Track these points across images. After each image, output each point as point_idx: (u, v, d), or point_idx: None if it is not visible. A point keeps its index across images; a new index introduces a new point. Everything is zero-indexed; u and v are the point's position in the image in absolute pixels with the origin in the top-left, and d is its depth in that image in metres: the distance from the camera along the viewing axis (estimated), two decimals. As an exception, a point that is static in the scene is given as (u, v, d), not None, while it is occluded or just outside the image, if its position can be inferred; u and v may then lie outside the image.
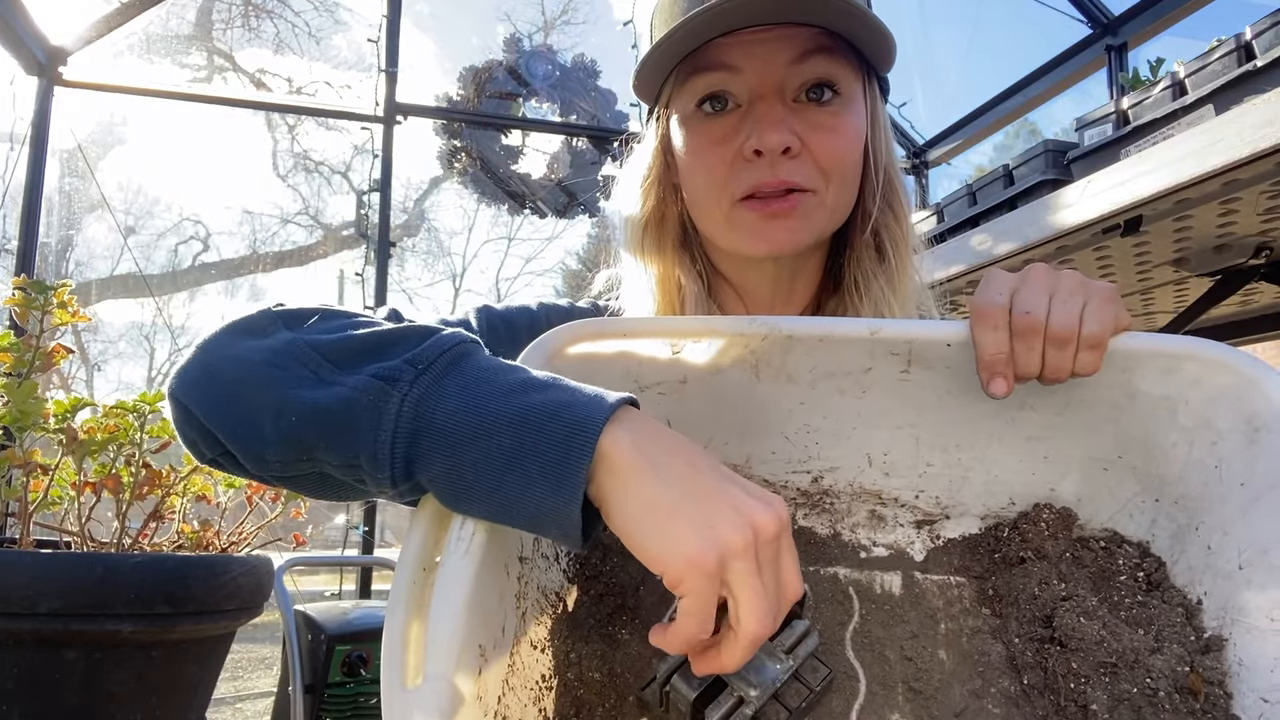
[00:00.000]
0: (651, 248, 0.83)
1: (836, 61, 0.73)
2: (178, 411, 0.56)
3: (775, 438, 0.66)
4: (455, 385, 0.48)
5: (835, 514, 0.68)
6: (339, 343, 0.52)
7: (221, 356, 0.54)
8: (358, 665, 2.19)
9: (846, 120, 0.74)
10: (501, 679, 0.52)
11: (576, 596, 0.62)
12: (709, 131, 0.75)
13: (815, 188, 0.73)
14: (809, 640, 0.52)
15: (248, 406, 0.51)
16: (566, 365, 0.59)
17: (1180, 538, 0.61)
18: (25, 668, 1.07)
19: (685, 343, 0.61)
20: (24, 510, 1.27)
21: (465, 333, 0.53)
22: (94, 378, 12.93)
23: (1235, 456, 0.58)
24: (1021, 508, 0.67)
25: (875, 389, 0.63)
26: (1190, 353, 0.59)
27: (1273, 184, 1.23)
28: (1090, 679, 0.55)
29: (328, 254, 11.10)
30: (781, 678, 0.50)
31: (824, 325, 0.61)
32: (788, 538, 0.47)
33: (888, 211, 0.80)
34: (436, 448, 0.47)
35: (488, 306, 0.83)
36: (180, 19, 9.09)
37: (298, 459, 0.51)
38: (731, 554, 0.44)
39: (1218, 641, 0.56)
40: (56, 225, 9.34)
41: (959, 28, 12.10)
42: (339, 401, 0.48)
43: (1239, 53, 1.38)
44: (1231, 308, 1.91)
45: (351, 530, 3.76)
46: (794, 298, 0.83)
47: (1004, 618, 0.62)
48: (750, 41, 0.72)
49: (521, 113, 4.73)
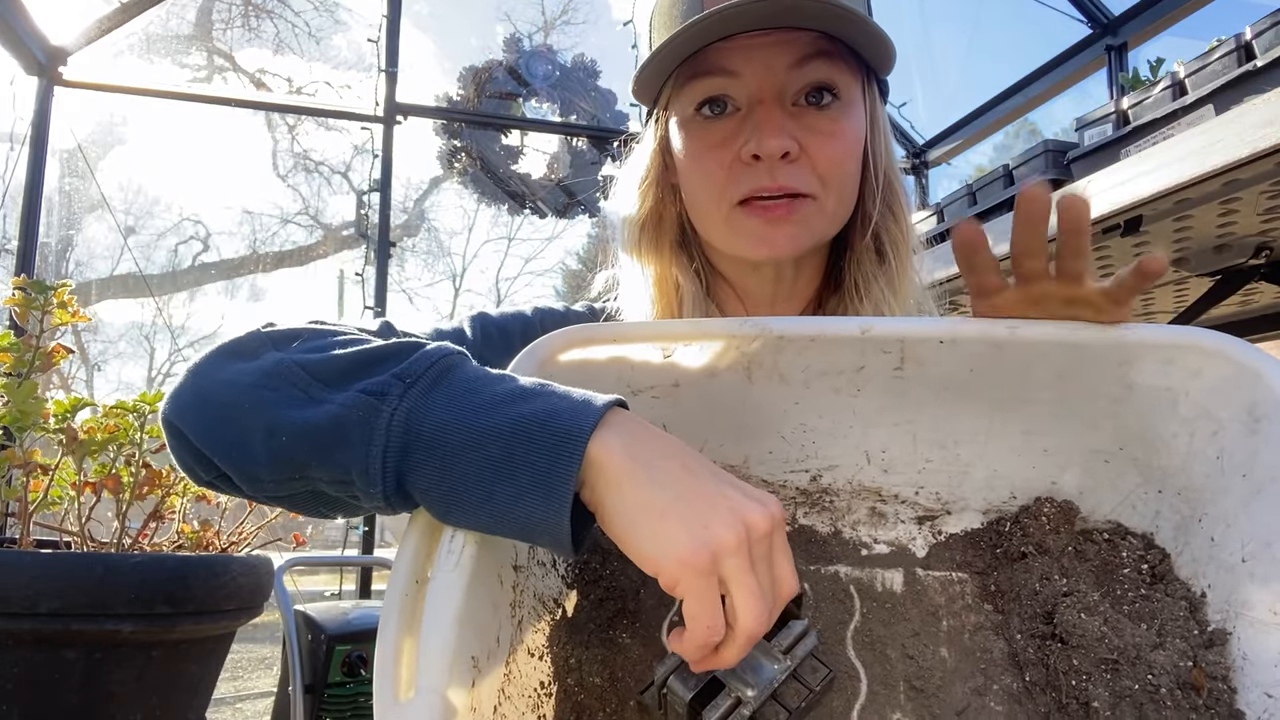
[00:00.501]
0: (649, 248, 0.83)
1: (836, 66, 0.73)
2: (172, 436, 0.56)
3: (772, 438, 0.66)
4: (443, 397, 0.49)
5: (835, 512, 0.68)
6: (327, 361, 0.52)
7: (213, 380, 0.55)
8: (358, 665, 2.20)
9: (845, 124, 0.74)
10: (497, 688, 0.52)
11: (576, 601, 0.62)
12: (708, 135, 0.75)
13: (814, 193, 0.73)
14: (807, 640, 0.52)
15: (240, 429, 0.52)
16: (558, 372, 0.59)
17: (1184, 529, 0.61)
18: (25, 668, 1.07)
19: (676, 346, 0.61)
20: (24, 510, 1.27)
21: (452, 345, 0.53)
22: (94, 378, 12.94)
23: (1237, 447, 0.58)
24: (1023, 501, 0.66)
25: (870, 387, 0.63)
26: (1190, 343, 0.59)
27: (1273, 184, 1.23)
28: (1092, 676, 0.55)
29: (328, 254, 11.10)
30: (779, 678, 0.50)
31: (815, 325, 0.61)
32: (781, 535, 0.47)
33: (887, 214, 0.80)
34: (427, 460, 0.47)
35: (483, 314, 0.83)
36: (180, 19, 9.10)
37: (291, 478, 0.52)
38: (724, 551, 0.44)
39: (1221, 635, 0.56)
40: (56, 225, 9.34)
41: (959, 28, 12.11)
42: (329, 419, 0.49)
43: (1239, 53, 1.38)
44: (1231, 308, 1.90)
45: (351, 530, 3.77)
46: (794, 298, 0.84)
47: (1006, 614, 0.62)
48: (750, 46, 0.72)
49: (521, 113, 4.73)
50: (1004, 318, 0.60)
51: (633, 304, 0.85)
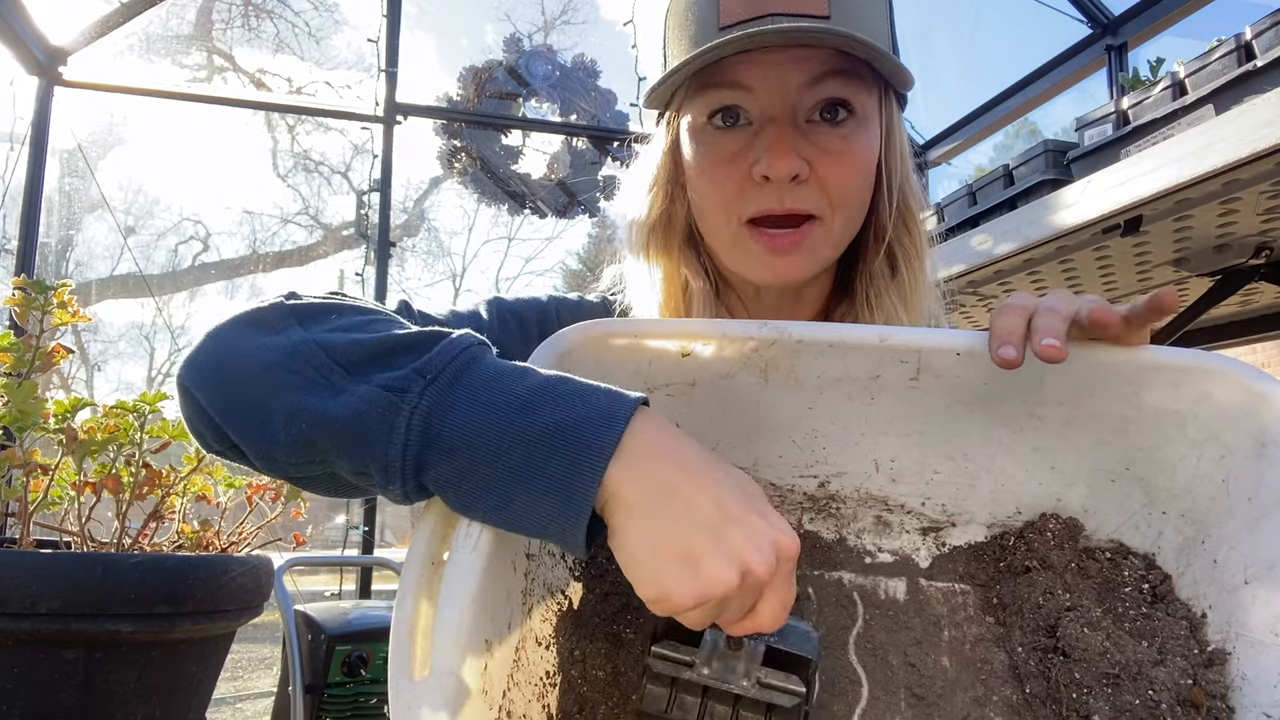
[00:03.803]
0: (658, 248, 0.83)
1: (851, 83, 0.72)
2: (187, 402, 0.56)
3: (783, 442, 0.66)
4: (464, 395, 0.49)
5: (841, 519, 0.68)
6: (350, 347, 0.52)
7: (233, 350, 0.54)
8: (358, 665, 2.19)
9: (858, 143, 0.73)
10: (506, 674, 0.52)
11: (582, 595, 0.62)
12: (719, 147, 0.74)
13: (821, 214, 0.73)
14: (791, 683, 0.51)
15: (259, 409, 0.52)
16: (576, 364, 0.58)
17: (1186, 551, 0.61)
18: (25, 668, 1.07)
19: (695, 345, 0.61)
20: (24, 510, 1.27)
21: (474, 335, 0.53)
22: (94, 378, 12.94)
23: (1243, 471, 0.58)
24: (1028, 517, 0.66)
25: (883, 396, 0.63)
26: (1201, 366, 0.59)
27: (1273, 184, 1.23)
28: (1093, 689, 0.55)
29: (328, 254, 11.11)
30: (736, 688, 0.51)
31: (834, 331, 0.61)
32: (784, 572, 0.47)
33: (901, 227, 0.79)
34: (446, 461, 0.48)
35: (498, 299, 0.83)
36: (180, 19, 9.11)
37: (309, 461, 0.52)
38: (719, 596, 0.45)
39: (1221, 655, 0.56)
40: (56, 225, 9.34)
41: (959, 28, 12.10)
42: (349, 413, 0.49)
43: (1239, 53, 1.38)
44: (1231, 308, 1.91)
45: (351, 530, 3.76)
46: (801, 303, 0.83)
47: (1008, 626, 0.62)
48: (765, 62, 0.71)
49: (521, 113, 4.72)
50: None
51: (640, 302, 0.85)
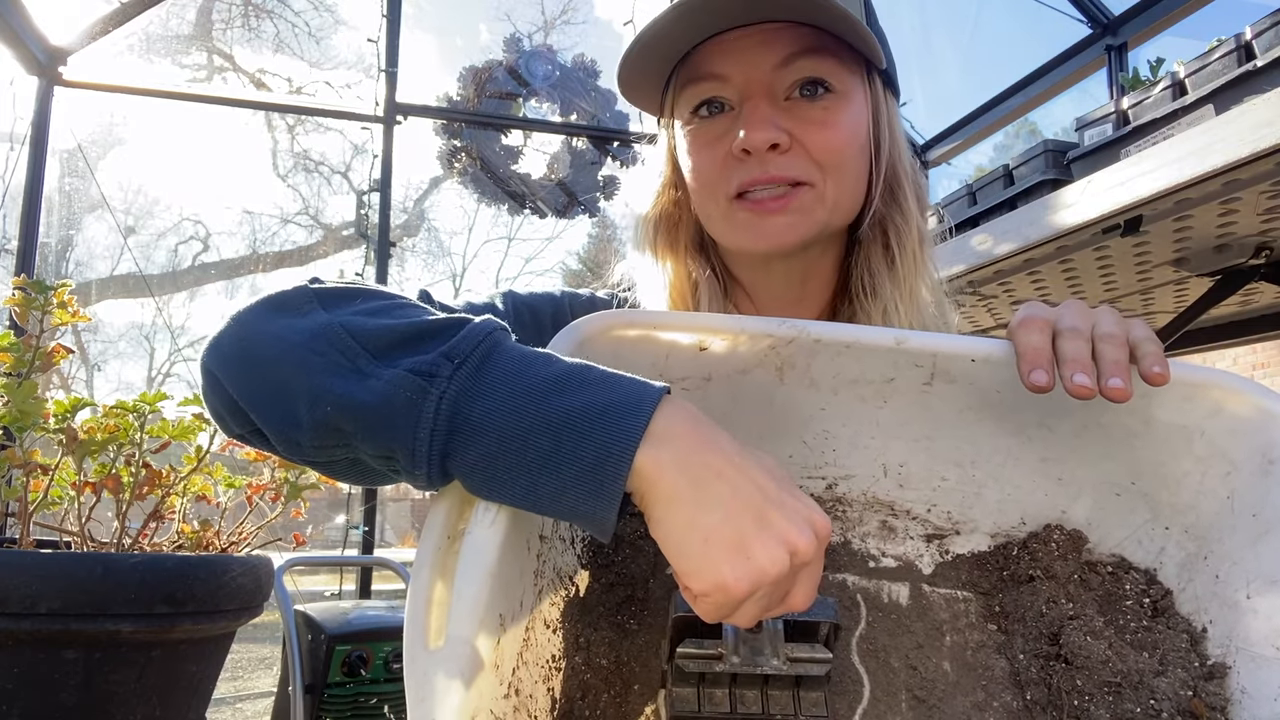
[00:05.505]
0: (665, 246, 0.84)
1: (826, 61, 0.73)
2: (209, 384, 0.56)
3: (794, 442, 0.66)
4: (491, 380, 0.48)
5: (847, 522, 0.68)
6: (376, 331, 0.52)
7: (258, 332, 0.54)
8: (358, 665, 2.19)
9: (840, 115, 0.74)
10: (516, 652, 0.52)
11: (588, 583, 0.62)
12: (703, 135, 0.76)
13: (811, 180, 0.73)
14: (816, 666, 0.52)
15: (283, 391, 0.51)
16: (593, 354, 0.58)
17: (1188, 566, 0.62)
18: (25, 668, 1.07)
19: (713, 340, 0.61)
20: (24, 510, 1.27)
21: (495, 320, 0.53)
22: (94, 378, 12.94)
23: (1248, 488, 0.58)
24: (1032, 527, 0.66)
25: (896, 399, 0.63)
26: (1209, 383, 0.59)
27: (1273, 184, 1.23)
28: (1094, 697, 0.56)
29: (328, 254, 11.11)
30: (769, 670, 0.51)
31: (851, 332, 0.61)
32: (820, 557, 0.48)
33: (893, 206, 0.79)
34: (473, 446, 0.47)
35: (512, 291, 0.84)
36: (180, 19, 9.11)
37: (332, 445, 0.52)
38: (765, 580, 0.45)
39: (1221, 669, 0.56)
40: (56, 225, 9.34)
41: (959, 28, 12.11)
42: (376, 397, 0.49)
43: (1239, 53, 1.38)
44: (1231, 308, 1.90)
45: (351, 530, 3.76)
46: (805, 300, 0.83)
47: (1009, 634, 0.63)
48: (736, 49, 0.73)
49: (521, 113, 4.72)
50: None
51: (649, 300, 0.85)
